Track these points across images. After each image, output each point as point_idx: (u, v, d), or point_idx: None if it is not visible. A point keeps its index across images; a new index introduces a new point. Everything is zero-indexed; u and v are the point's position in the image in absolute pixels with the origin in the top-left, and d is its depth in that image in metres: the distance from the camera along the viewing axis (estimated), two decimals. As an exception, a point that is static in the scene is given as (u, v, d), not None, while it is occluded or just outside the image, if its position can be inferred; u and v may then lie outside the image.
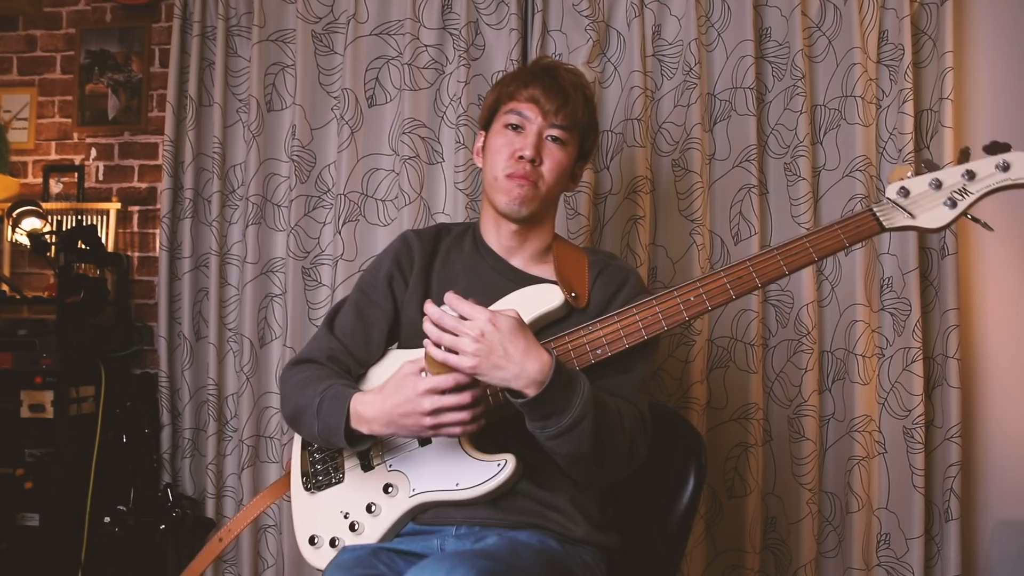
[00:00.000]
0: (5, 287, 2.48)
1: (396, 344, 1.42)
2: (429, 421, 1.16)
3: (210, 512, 2.34)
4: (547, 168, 1.36)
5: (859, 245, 2.06)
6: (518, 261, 1.42)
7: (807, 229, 2.07)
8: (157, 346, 2.43)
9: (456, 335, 1.14)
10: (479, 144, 1.46)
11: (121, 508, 2.23)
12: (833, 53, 2.11)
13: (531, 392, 1.12)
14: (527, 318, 1.25)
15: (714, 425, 2.12)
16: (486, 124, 1.45)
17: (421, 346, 1.30)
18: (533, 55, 2.16)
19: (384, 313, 1.40)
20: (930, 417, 2.05)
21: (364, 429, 1.22)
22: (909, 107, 2.03)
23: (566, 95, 1.36)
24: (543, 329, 1.31)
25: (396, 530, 1.27)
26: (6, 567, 2.22)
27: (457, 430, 1.18)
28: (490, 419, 1.22)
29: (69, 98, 2.67)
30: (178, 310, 2.42)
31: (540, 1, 2.18)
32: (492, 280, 1.39)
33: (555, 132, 1.37)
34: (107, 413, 2.34)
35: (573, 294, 1.34)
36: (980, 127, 2.10)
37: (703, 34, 2.14)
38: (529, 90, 1.37)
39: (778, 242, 2.11)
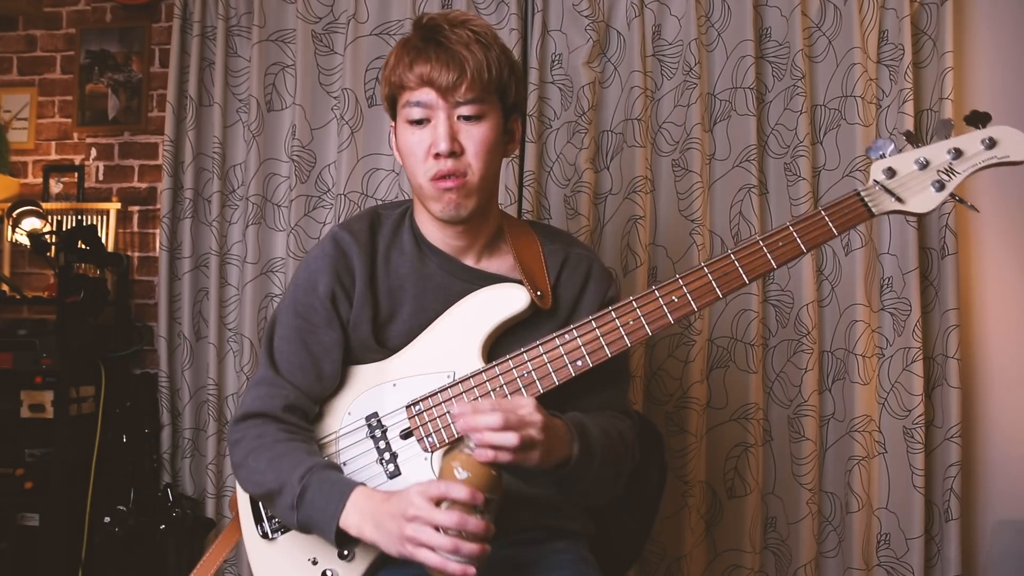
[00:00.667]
0: (5, 287, 2.48)
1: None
2: (409, 530, 0.97)
3: (210, 512, 2.34)
4: (472, 153, 1.16)
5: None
6: (470, 258, 1.25)
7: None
8: (157, 346, 2.43)
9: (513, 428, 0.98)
10: (394, 138, 1.26)
11: (121, 508, 2.23)
12: (833, 53, 2.11)
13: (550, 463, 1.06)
14: (491, 323, 1.17)
15: (714, 425, 2.12)
16: (392, 115, 1.24)
17: (376, 360, 1.20)
18: (533, 55, 2.16)
19: (333, 341, 1.20)
20: (930, 417, 2.05)
21: (353, 530, 1.04)
22: (909, 107, 2.03)
23: (462, 61, 1.13)
24: (507, 333, 1.19)
25: (375, 568, 1.14)
26: (6, 567, 2.22)
27: (435, 560, 0.95)
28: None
29: (69, 98, 2.67)
30: (178, 310, 2.42)
31: (540, 1, 2.18)
32: (443, 283, 1.23)
33: (466, 110, 1.15)
34: (107, 413, 2.34)
35: (539, 292, 1.20)
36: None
37: (703, 34, 2.14)
38: (417, 70, 1.14)
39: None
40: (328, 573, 1.13)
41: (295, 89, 2.32)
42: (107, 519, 2.22)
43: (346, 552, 1.12)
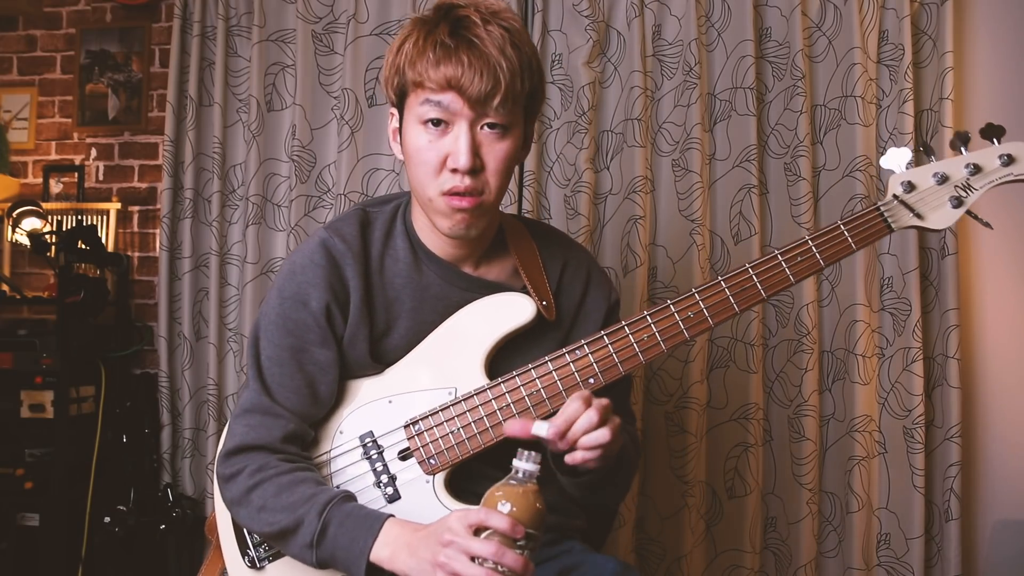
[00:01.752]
0: (5, 287, 2.48)
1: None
2: (442, 556, 0.91)
3: (210, 512, 2.33)
4: (492, 170, 1.05)
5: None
6: (468, 265, 1.17)
7: (807, 229, 2.07)
8: (157, 346, 2.43)
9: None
10: (394, 125, 1.13)
11: (121, 508, 2.23)
12: (833, 53, 2.11)
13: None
14: (494, 336, 1.10)
15: (714, 425, 2.12)
16: (397, 104, 1.11)
17: (370, 374, 1.13)
18: (533, 55, 2.16)
19: (329, 360, 1.11)
20: (930, 417, 2.05)
21: (385, 563, 0.97)
22: (909, 107, 2.03)
23: (496, 69, 1.00)
24: (506, 345, 1.13)
25: None
26: (6, 567, 2.22)
27: None
28: None
29: (69, 98, 2.67)
30: (178, 310, 2.42)
31: (540, 1, 2.18)
32: (442, 293, 1.14)
33: (492, 119, 1.03)
34: (107, 413, 2.34)
35: (544, 302, 1.13)
36: (980, 127, 2.10)
37: (703, 34, 2.14)
38: (444, 70, 1.00)
39: (778, 244, 2.12)
40: None
41: (295, 89, 2.32)
42: (107, 519, 2.22)
43: None
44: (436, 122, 1.03)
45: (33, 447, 2.28)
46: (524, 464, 0.91)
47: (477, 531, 0.89)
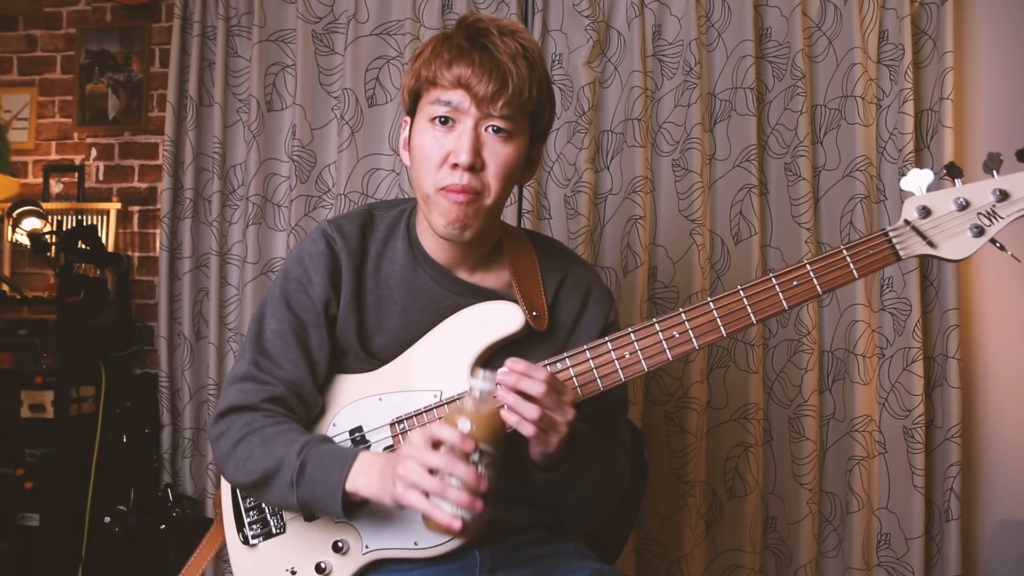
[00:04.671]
0: (5, 287, 2.48)
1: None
2: (400, 469, 0.94)
3: (210, 512, 2.34)
4: (492, 172, 1.08)
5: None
6: (463, 271, 1.19)
7: (807, 229, 2.07)
8: (157, 346, 2.43)
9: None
10: (405, 134, 1.17)
11: (121, 508, 2.23)
12: (833, 53, 2.11)
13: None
14: (482, 343, 1.12)
15: (714, 425, 2.12)
16: (410, 110, 1.16)
17: (364, 370, 1.17)
18: (533, 55, 2.16)
19: (323, 340, 1.16)
20: (930, 417, 2.05)
21: (362, 490, 0.99)
22: (909, 107, 2.03)
23: (505, 73, 1.05)
24: (499, 352, 1.14)
25: None
26: (6, 567, 2.22)
27: (422, 503, 0.92)
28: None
29: (69, 98, 2.67)
30: (178, 310, 2.42)
31: (540, 1, 2.18)
32: (434, 295, 1.17)
33: (497, 123, 1.07)
34: (107, 413, 2.34)
35: (534, 313, 1.15)
36: (980, 127, 2.10)
37: (703, 34, 2.14)
38: (456, 70, 1.05)
39: (778, 244, 2.12)
40: None
41: (295, 89, 2.32)
42: (107, 519, 2.22)
43: (323, 566, 1.10)
44: (444, 120, 1.08)
45: (33, 447, 2.28)
46: (480, 383, 0.93)
47: (436, 446, 0.92)
